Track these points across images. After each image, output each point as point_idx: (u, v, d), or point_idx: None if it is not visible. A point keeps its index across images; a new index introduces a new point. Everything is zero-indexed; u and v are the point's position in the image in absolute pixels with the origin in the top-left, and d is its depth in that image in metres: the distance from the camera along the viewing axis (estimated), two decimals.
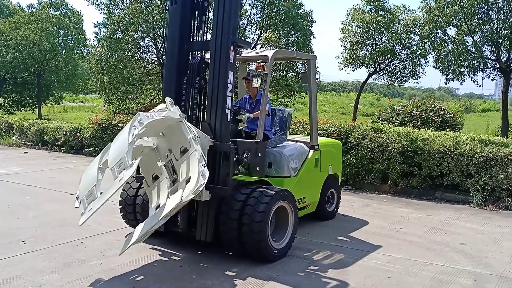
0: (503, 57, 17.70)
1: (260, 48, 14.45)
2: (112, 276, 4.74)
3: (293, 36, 19.07)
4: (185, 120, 5.04)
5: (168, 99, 5.29)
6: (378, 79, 23.42)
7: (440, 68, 18.43)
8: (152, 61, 19.83)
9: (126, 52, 18.35)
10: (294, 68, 18.31)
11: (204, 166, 4.76)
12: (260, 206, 5.01)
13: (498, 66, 17.82)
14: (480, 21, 17.18)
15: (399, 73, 22.32)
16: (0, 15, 33.03)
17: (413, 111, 12.98)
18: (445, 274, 5.03)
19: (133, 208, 5.85)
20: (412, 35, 21.34)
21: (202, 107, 5.54)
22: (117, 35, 18.15)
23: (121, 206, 5.97)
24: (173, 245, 5.63)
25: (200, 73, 5.50)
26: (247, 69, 7.38)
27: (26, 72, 25.50)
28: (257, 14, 19.36)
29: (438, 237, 6.40)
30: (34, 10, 31.34)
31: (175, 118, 4.97)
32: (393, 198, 8.92)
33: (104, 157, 4.79)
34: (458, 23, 17.73)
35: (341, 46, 22.44)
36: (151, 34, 18.30)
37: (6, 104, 26.82)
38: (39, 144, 15.44)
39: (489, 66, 18.21)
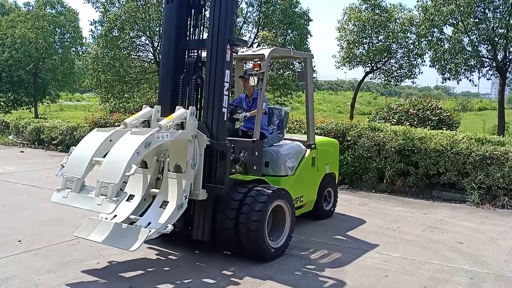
0: (499, 56, 17.75)
1: (256, 47, 14.42)
2: (109, 275, 4.73)
3: (290, 34, 19.07)
4: (196, 140, 5.00)
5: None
6: (374, 78, 23.46)
7: (437, 67, 18.47)
8: (149, 60, 19.78)
9: (122, 51, 18.30)
10: (291, 66, 18.31)
11: (185, 198, 4.85)
12: (257, 205, 5.00)
13: (495, 65, 17.86)
14: (477, 20, 17.23)
15: (395, 72, 22.35)
16: None
17: (410, 110, 12.99)
18: (442, 273, 5.04)
19: None
20: (408, 34, 21.39)
21: (198, 106, 5.53)
22: (113, 33, 18.10)
23: None
24: (170, 245, 5.62)
25: (197, 71, 5.49)
26: (244, 68, 7.37)
27: (22, 70, 25.43)
28: (254, 12, 19.35)
29: (435, 236, 6.40)
30: (31, 8, 31.22)
31: (187, 138, 4.94)
32: (390, 197, 8.93)
33: (99, 151, 4.66)
34: (455, 22, 17.78)
35: (338, 45, 22.49)
36: (148, 32, 18.27)
37: (2, 103, 26.73)
38: (36, 143, 15.38)
39: (486, 65, 18.26)
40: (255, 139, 5.75)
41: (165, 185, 5.06)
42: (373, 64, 22.28)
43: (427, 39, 19.03)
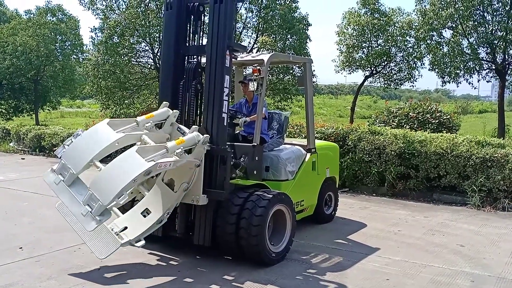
0: (498, 59, 17.78)
1: (256, 52, 14.47)
2: (110, 282, 4.73)
3: (289, 39, 19.08)
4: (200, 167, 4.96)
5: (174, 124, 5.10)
6: (374, 82, 23.48)
7: (436, 70, 18.50)
8: (149, 66, 19.81)
9: (122, 57, 18.33)
10: (291, 71, 18.33)
11: (167, 214, 4.89)
12: (258, 210, 5.01)
13: (494, 67, 17.89)
14: (476, 23, 17.27)
15: (395, 75, 22.37)
16: None
17: (410, 113, 13.00)
18: (443, 276, 5.04)
19: None
20: (407, 38, 21.41)
21: (198, 111, 5.55)
22: (114, 40, 18.14)
23: None
24: (171, 250, 5.62)
25: (196, 77, 5.51)
26: (244, 73, 7.39)
27: (23, 78, 25.49)
28: (253, 18, 19.37)
29: (436, 239, 6.40)
30: (32, 16, 31.34)
31: (189, 166, 4.91)
32: (391, 200, 8.93)
33: (103, 152, 4.61)
34: (454, 25, 17.82)
35: (337, 49, 22.52)
36: (148, 38, 18.30)
37: (3, 110, 26.79)
38: (36, 150, 15.40)
39: (485, 68, 18.28)
40: (255, 144, 5.77)
41: (153, 193, 5.03)
42: (372, 68, 22.30)
43: (426, 42, 19.07)
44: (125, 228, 4.73)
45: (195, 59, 5.65)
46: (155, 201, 4.96)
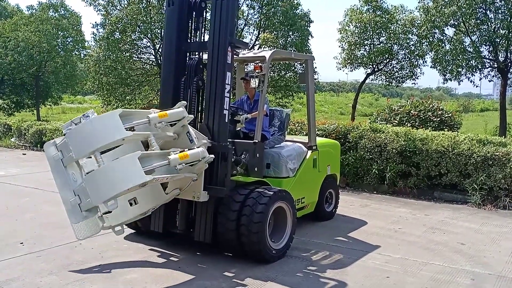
0: (500, 57, 17.72)
1: (258, 49, 14.45)
2: (110, 277, 4.74)
3: (291, 36, 19.05)
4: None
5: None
6: (376, 79, 23.44)
7: (438, 68, 18.45)
8: (150, 62, 19.81)
9: (124, 53, 18.32)
10: (293, 68, 18.31)
11: (153, 209, 4.95)
12: (259, 207, 5.01)
13: (496, 66, 17.84)
14: (478, 21, 17.21)
15: (396, 73, 22.33)
16: None
17: (411, 111, 12.99)
18: (444, 274, 5.04)
19: None
20: (410, 35, 21.36)
21: (200, 108, 5.55)
22: (115, 36, 18.13)
23: None
24: (171, 246, 5.63)
25: (198, 74, 5.51)
26: (245, 70, 7.38)
27: (25, 73, 25.48)
28: (255, 14, 19.35)
29: (436, 237, 6.40)
30: (34, 11, 31.30)
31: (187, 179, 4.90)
32: (392, 198, 8.92)
33: (108, 146, 4.50)
34: (456, 23, 17.76)
35: (339, 46, 22.48)
36: (149, 34, 18.29)
37: (5, 106, 26.81)
38: (38, 145, 15.40)
39: (487, 66, 18.23)
40: (256, 141, 5.76)
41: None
42: (374, 66, 22.26)
43: (428, 40, 19.01)
44: (108, 212, 4.57)
45: (197, 56, 5.64)
46: (145, 194, 4.90)
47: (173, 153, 4.58)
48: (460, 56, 17.51)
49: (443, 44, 18.40)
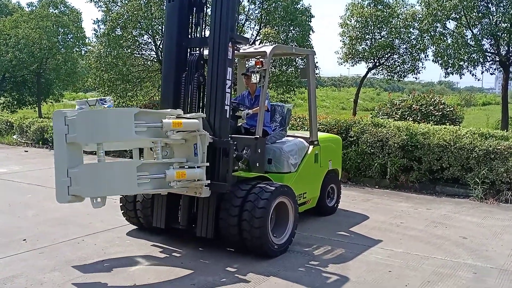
0: (502, 50, 17.64)
1: (259, 44, 14.42)
2: (113, 273, 4.76)
3: (292, 31, 19.01)
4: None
5: None
6: (377, 74, 23.38)
7: (440, 62, 18.39)
8: (151, 58, 19.79)
9: (125, 49, 18.30)
10: (294, 63, 18.27)
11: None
12: (260, 202, 5.02)
13: (498, 59, 17.77)
14: (480, 14, 17.12)
15: (398, 67, 22.27)
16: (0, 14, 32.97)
17: (413, 106, 12.97)
18: (446, 267, 5.05)
19: (134, 205, 5.86)
20: (411, 29, 21.29)
21: (201, 103, 5.54)
22: (116, 32, 18.11)
23: (121, 204, 5.99)
24: (173, 242, 5.65)
25: (199, 69, 5.50)
26: (246, 65, 7.38)
27: (26, 70, 25.48)
28: (256, 9, 19.29)
29: (438, 231, 6.41)
30: (34, 8, 31.27)
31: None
32: (393, 193, 8.93)
33: (115, 139, 4.54)
34: (458, 17, 17.67)
35: (340, 41, 22.41)
36: (150, 31, 18.26)
37: (7, 103, 26.84)
38: (40, 142, 15.43)
39: (489, 60, 18.16)
40: (258, 136, 5.76)
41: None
42: (376, 60, 22.18)
43: (430, 34, 18.94)
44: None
45: (198, 51, 5.63)
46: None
47: (172, 168, 4.65)
48: (462, 49, 17.43)
49: (444, 38, 18.31)
